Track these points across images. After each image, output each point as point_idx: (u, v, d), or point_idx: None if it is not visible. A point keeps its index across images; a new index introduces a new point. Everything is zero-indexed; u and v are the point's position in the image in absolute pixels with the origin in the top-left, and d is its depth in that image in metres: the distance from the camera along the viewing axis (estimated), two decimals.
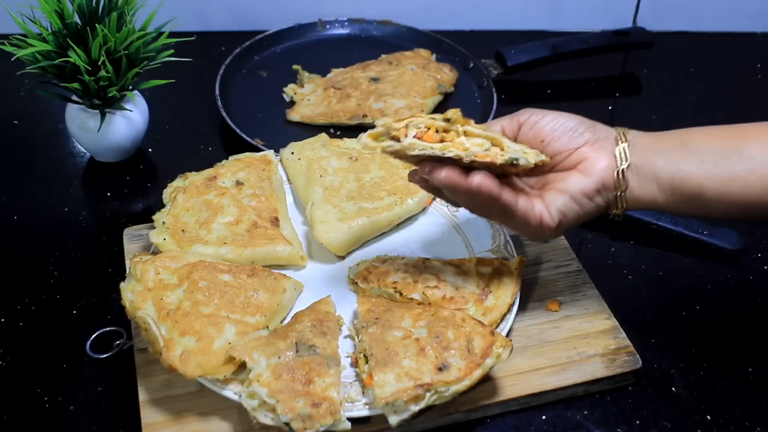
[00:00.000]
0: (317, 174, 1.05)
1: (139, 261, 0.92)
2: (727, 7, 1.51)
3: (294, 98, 1.30)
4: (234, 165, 1.06)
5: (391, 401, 0.79)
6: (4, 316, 0.96)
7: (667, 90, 1.42)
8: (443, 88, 1.31)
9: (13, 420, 0.85)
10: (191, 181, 1.04)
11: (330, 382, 0.81)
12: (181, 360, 0.83)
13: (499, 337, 0.84)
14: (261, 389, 0.79)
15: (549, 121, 0.84)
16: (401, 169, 1.06)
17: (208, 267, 0.93)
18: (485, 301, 0.91)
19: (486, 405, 0.86)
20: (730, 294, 1.03)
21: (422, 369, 0.81)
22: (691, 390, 0.91)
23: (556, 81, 1.40)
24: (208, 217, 1.00)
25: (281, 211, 1.03)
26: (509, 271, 0.94)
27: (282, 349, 0.83)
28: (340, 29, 1.45)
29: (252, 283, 0.92)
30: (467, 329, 0.84)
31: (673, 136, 0.85)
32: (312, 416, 0.78)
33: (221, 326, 0.87)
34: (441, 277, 0.93)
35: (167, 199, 1.02)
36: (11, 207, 1.12)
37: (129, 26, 1.06)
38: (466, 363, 0.81)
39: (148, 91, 1.16)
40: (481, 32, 1.51)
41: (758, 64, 1.48)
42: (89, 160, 1.19)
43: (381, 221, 1.01)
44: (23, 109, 1.29)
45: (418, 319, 0.87)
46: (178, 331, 0.85)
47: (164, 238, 0.97)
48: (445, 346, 0.83)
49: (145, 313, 0.86)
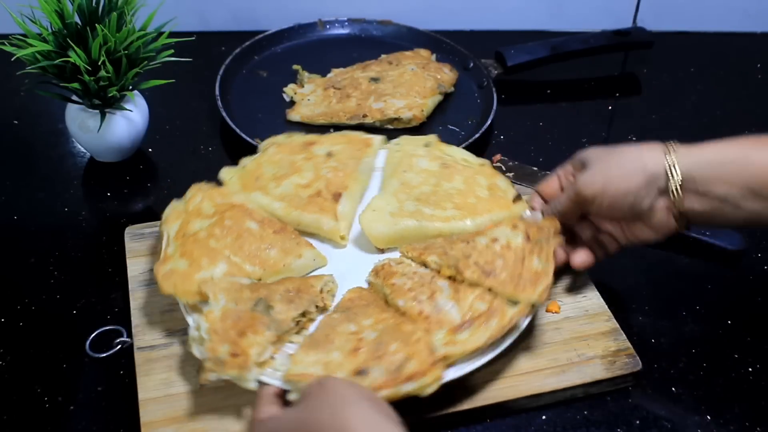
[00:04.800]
0: (402, 168, 1.04)
1: (198, 187, 1.00)
2: (727, 7, 1.51)
3: (294, 98, 1.30)
4: (336, 138, 1.09)
5: (293, 380, 0.79)
6: (4, 316, 0.96)
7: (667, 90, 1.42)
8: (443, 88, 1.31)
9: (13, 420, 0.85)
10: (292, 140, 1.08)
11: (258, 341, 0.83)
12: (164, 275, 0.90)
13: (435, 372, 0.80)
14: (204, 324, 0.84)
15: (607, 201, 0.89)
16: (483, 190, 1.02)
17: (244, 212, 0.97)
18: (459, 333, 0.84)
19: (486, 405, 0.86)
20: (731, 294, 1.03)
21: (342, 366, 0.80)
22: (691, 390, 0.91)
23: (556, 81, 1.40)
24: (285, 174, 1.03)
25: (351, 189, 1.02)
26: (502, 315, 0.86)
27: (243, 299, 0.86)
28: (340, 29, 1.45)
29: (273, 238, 0.96)
30: (412, 349, 0.81)
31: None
32: (224, 363, 0.81)
33: (215, 261, 0.91)
34: (437, 293, 0.88)
35: (260, 149, 1.08)
36: (11, 207, 1.12)
37: (129, 26, 1.06)
38: (386, 378, 0.78)
39: (148, 91, 1.16)
40: (481, 32, 1.51)
41: (758, 64, 1.48)
42: (89, 160, 1.19)
43: (430, 229, 0.98)
44: (23, 109, 1.29)
45: (379, 323, 0.85)
46: (180, 251, 0.92)
47: (232, 177, 1.03)
48: (379, 355, 0.80)
49: (168, 228, 0.94)
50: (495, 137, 1.27)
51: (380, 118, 1.24)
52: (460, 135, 1.24)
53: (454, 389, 0.85)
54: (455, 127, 1.26)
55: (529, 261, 0.90)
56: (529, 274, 0.88)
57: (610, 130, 1.32)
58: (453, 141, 1.21)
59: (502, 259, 0.90)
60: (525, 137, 1.28)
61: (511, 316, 0.85)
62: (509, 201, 1.00)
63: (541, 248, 0.91)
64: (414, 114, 1.24)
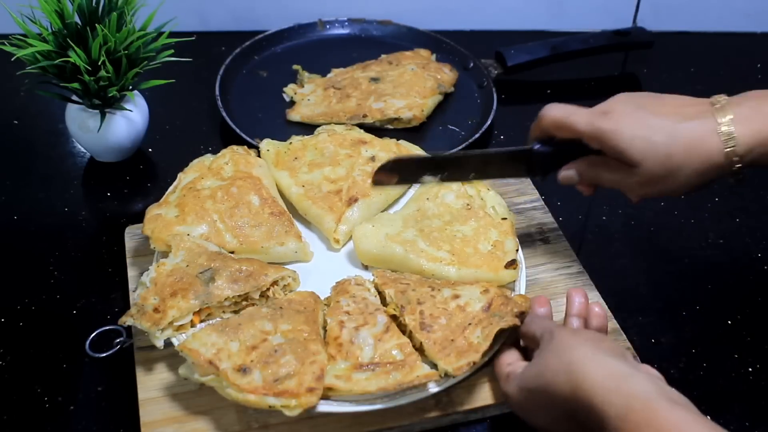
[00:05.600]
0: (427, 196, 1.02)
1: (232, 149, 1.04)
2: (727, 7, 1.51)
3: (294, 98, 1.30)
4: (387, 144, 1.08)
5: (184, 352, 0.80)
6: (4, 316, 0.96)
7: (667, 90, 1.39)
8: (443, 88, 1.31)
9: (13, 420, 0.85)
10: (347, 133, 1.09)
11: (180, 305, 0.85)
12: (151, 217, 0.95)
13: (307, 398, 0.77)
14: (152, 274, 0.88)
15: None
16: (487, 244, 0.96)
17: (254, 185, 1.00)
18: (358, 372, 0.81)
19: (485, 406, 0.86)
20: (731, 294, 1.03)
21: (231, 357, 0.80)
22: (691, 390, 0.90)
23: (556, 81, 1.40)
24: (321, 163, 1.05)
25: (371, 198, 1.02)
26: (408, 372, 0.81)
27: (197, 263, 0.89)
28: (340, 29, 1.45)
29: (266, 219, 0.98)
30: (301, 368, 0.79)
31: None
32: (144, 314, 0.84)
33: (200, 221, 0.95)
34: (366, 325, 0.86)
35: (316, 132, 1.11)
36: (11, 207, 1.12)
37: (129, 26, 1.06)
38: (261, 385, 0.78)
39: (148, 91, 1.16)
40: (481, 32, 1.51)
41: (758, 64, 1.48)
42: (89, 160, 1.19)
43: (413, 264, 0.95)
44: (23, 109, 1.29)
45: (293, 332, 0.83)
46: (177, 201, 0.97)
47: (268, 150, 1.07)
48: (268, 361, 0.80)
49: (184, 177, 1.01)
50: (495, 137, 1.27)
51: (380, 118, 1.24)
52: (460, 135, 1.24)
53: (454, 389, 0.85)
54: (455, 127, 1.26)
55: (472, 331, 0.84)
56: (462, 343, 0.83)
57: None
58: (453, 141, 1.22)
59: (447, 319, 0.85)
60: (525, 137, 1.28)
61: (417, 375, 0.80)
62: (502, 264, 0.94)
63: (490, 323, 0.84)
64: (414, 114, 1.24)
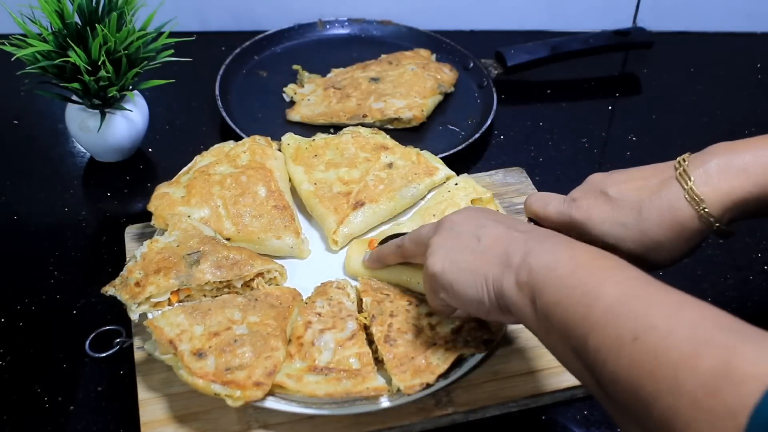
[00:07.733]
0: (433, 212, 1.00)
1: (254, 139, 1.06)
2: (727, 7, 1.51)
3: (294, 98, 1.30)
4: (408, 153, 1.06)
5: (149, 328, 0.82)
6: (4, 316, 0.96)
7: (667, 90, 1.42)
8: (443, 88, 1.31)
9: (13, 420, 0.85)
10: (371, 137, 1.09)
11: (160, 283, 0.86)
12: (158, 194, 0.98)
13: (252, 392, 0.77)
14: (144, 249, 0.90)
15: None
16: None
17: (265, 177, 1.00)
18: (311, 374, 0.80)
19: (485, 406, 0.86)
20: (731, 294, 1.03)
21: (192, 340, 0.80)
22: None
23: (556, 81, 1.40)
24: (338, 163, 1.05)
25: (379, 205, 1.01)
26: (360, 382, 0.79)
27: (187, 245, 0.90)
28: (340, 29, 1.45)
29: (269, 211, 0.98)
30: (255, 362, 0.79)
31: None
32: (126, 286, 0.86)
33: (203, 204, 0.97)
34: (333, 329, 0.85)
35: (340, 133, 1.11)
36: (11, 207, 1.12)
37: (129, 26, 1.06)
38: (212, 371, 0.78)
39: (148, 91, 1.16)
40: (481, 32, 1.51)
41: (758, 64, 1.48)
42: (89, 160, 1.19)
43: (402, 279, 0.93)
44: (23, 109, 1.29)
45: (258, 325, 0.83)
46: (186, 183, 0.99)
47: (289, 143, 1.08)
48: (225, 349, 0.80)
49: (201, 159, 1.03)
50: (495, 137, 1.27)
51: (380, 118, 1.24)
52: (460, 135, 1.24)
53: (455, 389, 0.85)
54: (455, 127, 1.26)
55: (434, 351, 0.81)
56: (421, 362, 0.80)
57: (609, 130, 1.32)
58: (453, 141, 1.22)
59: (414, 335, 0.83)
60: (525, 137, 1.28)
61: (367, 387, 0.79)
62: None
63: (455, 346, 0.81)
64: (414, 114, 1.24)
